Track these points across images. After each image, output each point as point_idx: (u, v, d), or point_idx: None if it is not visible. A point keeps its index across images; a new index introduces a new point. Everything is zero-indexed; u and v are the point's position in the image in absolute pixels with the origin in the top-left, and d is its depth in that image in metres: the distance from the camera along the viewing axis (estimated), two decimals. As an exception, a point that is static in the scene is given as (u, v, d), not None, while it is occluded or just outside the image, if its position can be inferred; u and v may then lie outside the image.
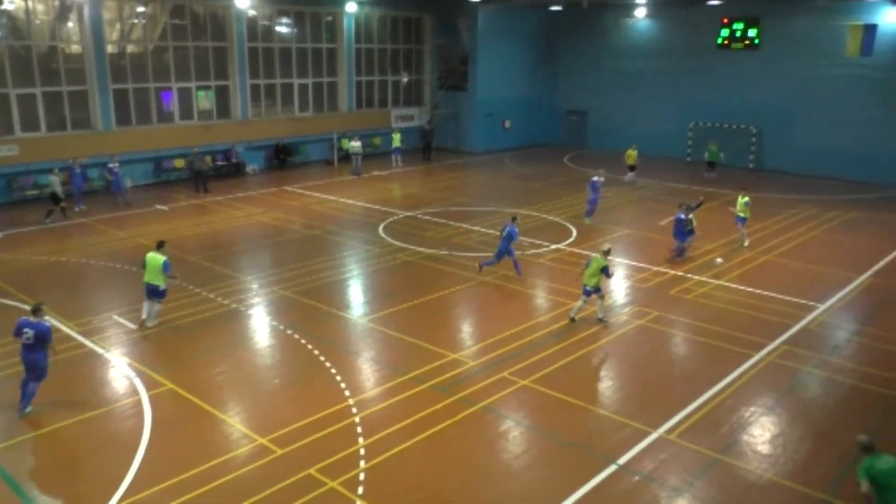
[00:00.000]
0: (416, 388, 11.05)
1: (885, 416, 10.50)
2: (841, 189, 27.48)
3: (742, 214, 19.45)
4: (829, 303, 15.05)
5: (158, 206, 23.68)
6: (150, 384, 11.18)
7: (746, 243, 19.40)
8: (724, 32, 32.08)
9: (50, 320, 11.36)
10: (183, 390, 10.99)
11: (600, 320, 13.78)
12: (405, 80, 36.98)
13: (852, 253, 18.83)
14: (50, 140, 25.13)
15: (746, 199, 19.46)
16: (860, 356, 12.62)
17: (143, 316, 13.41)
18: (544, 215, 22.69)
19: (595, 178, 21.84)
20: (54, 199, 21.70)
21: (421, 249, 18.74)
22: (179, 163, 27.93)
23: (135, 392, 10.96)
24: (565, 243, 19.43)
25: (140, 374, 11.56)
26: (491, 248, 18.91)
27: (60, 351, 11.46)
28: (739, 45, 31.78)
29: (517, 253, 16.74)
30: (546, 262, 17.85)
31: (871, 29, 26.96)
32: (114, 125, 26.55)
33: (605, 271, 13.49)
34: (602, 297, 13.80)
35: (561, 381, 11.36)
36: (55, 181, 21.81)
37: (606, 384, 11.60)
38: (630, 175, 28.39)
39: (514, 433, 9.95)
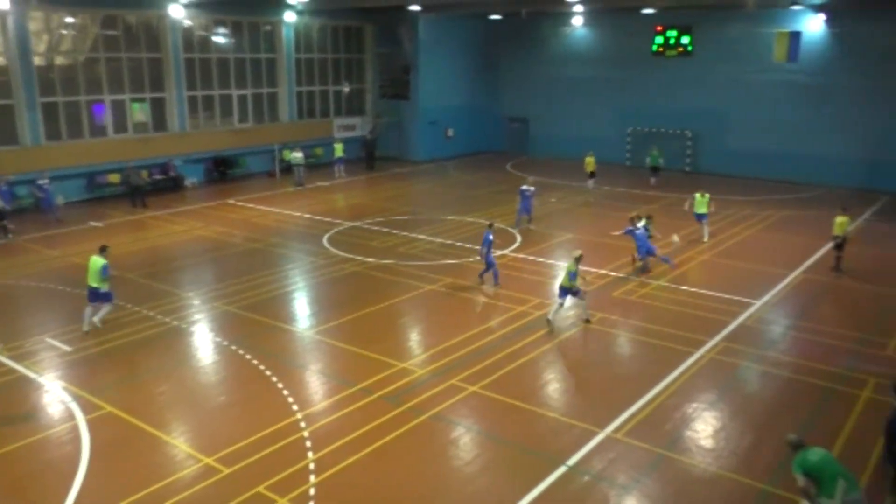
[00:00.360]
0: (365, 400, 10.96)
1: (820, 406, 10.90)
2: (773, 189, 28.53)
3: (702, 210, 20.43)
4: (764, 299, 15.57)
5: (93, 223, 22.91)
6: (87, 408, 10.77)
7: (706, 239, 20.36)
8: (659, 40, 33.01)
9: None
10: (123, 412, 10.63)
11: (586, 321, 14.15)
12: (347, 89, 36.81)
13: (785, 250, 19.55)
14: (-26, 157, 24.06)
15: (707, 195, 20.64)
16: (794, 349, 13.09)
17: (85, 320, 13.53)
18: (488, 221, 22.80)
19: (524, 187, 22.01)
20: None
21: (367, 259, 18.63)
22: (114, 178, 27.09)
23: (71, 417, 10.55)
24: (510, 249, 19.61)
25: (76, 397, 11.12)
26: (437, 255, 18.96)
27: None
28: (673, 53, 32.74)
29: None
30: (492, 269, 17.97)
31: (796, 36, 28.14)
32: (43, 140, 25.59)
33: (573, 276, 13.83)
34: (582, 299, 14.13)
35: (509, 386, 11.44)
36: None
37: (554, 387, 11.72)
38: (591, 182, 28.07)
39: (464, 440, 9.96)
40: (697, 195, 20.73)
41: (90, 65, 27.01)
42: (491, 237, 16.33)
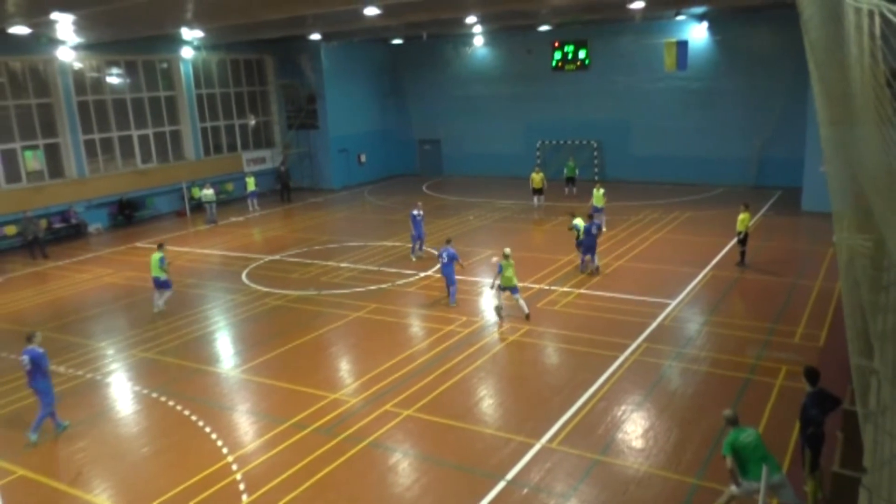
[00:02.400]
0: (298, 435, 10.71)
1: (739, 397, 11.41)
2: (676, 192, 29.88)
3: (599, 204, 22.63)
4: (678, 298, 16.23)
5: (-10, 279, 21.57)
6: (-3, 475, 10.09)
7: (604, 228, 21.54)
8: (557, 55, 34.17)
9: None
10: (37, 475, 9.99)
11: (527, 316, 15.11)
12: (252, 122, 36.25)
13: (693, 250, 20.47)
14: None
15: (602, 190, 23.30)
16: (710, 344, 13.69)
17: (154, 304, 17.20)
18: (408, 244, 22.88)
19: (414, 212, 21.41)
20: None
21: (288, 292, 18.30)
22: (10, 230, 25.63)
23: (-20, 486, 9.84)
24: (433, 270, 19.69)
25: (-16, 465, 10.39)
26: (360, 282, 18.83)
27: None
28: (572, 66, 33.95)
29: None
30: (416, 291, 18.00)
31: (683, 45, 29.77)
32: (-72, 195, 23.98)
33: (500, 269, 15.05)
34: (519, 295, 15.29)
35: (443, 407, 11.44)
36: None
37: (488, 403, 11.80)
38: (537, 199, 27.52)
39: (403, 465, 9.87)
40: (595, 190, 23.24)
41: (-26, 113, 25.54)
42: (451, 253, 16.65)
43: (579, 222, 18.96)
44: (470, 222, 26.08)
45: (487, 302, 16.89)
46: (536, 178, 27.36)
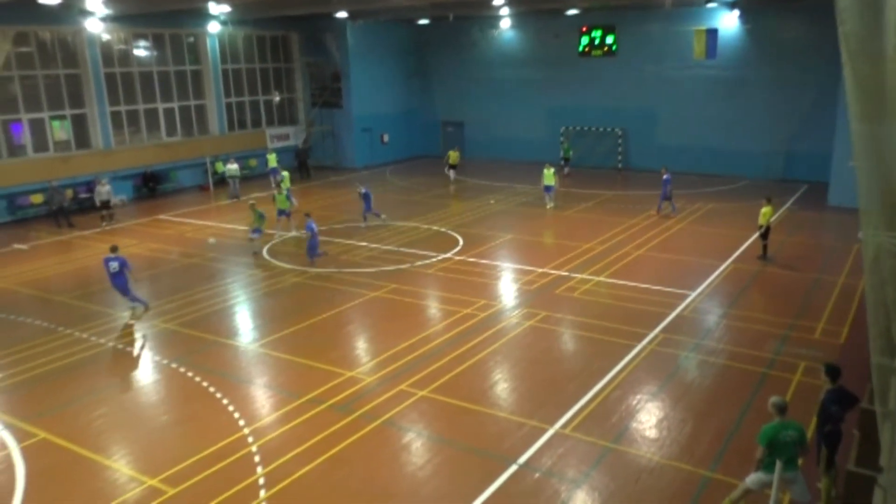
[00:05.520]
0: (313, 410, 10.84)
1: (755, 391, 11.35)
2: (700, 183, 29.55)
3: (549, 183, 24.73)
4: (699, 290, 16.12)
5: (17, 246, 21.93)
6: (20, 436, 10.32)
7: (551, 205, 24.65)
8: (584, 40, 33.79)
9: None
10: (59, 439, 10.22)
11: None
12: (277, 99, 36.33)
13: (715, 242, 20.29)
14: None
15: (553, 169, 25.06)
16: (728, 337, 13.60)
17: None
18: (429, 226, 22.94)
19: (363, 189, 23.69)
20: None
21: (308, 269, 18.43)
22: (37, 198, 26.00)
23: (3, 446, 10.08)
24: (452, 252, 19.72)
25: (8, 426, 10.64)
26: (379, 262, 18.91)
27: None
28: (599, 52, 33.57)
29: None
30: (435, 273, 18.04)
31: (713, 33, 29.26)
32: (-42, 161, 24.38)
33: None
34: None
35: (458, 389, 11.50)
36: None
37: (502, 387, 11.84)
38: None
39: (415, 445, 9.96)
40: (545, 169, 24.96)
41: (4, 83, 25.85)
42: (312, 226, 18.50)
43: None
44: (490, 206, 26.02)
45: (507, 286, 16.91)
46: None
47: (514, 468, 9.22)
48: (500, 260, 19.02)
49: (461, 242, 20.82)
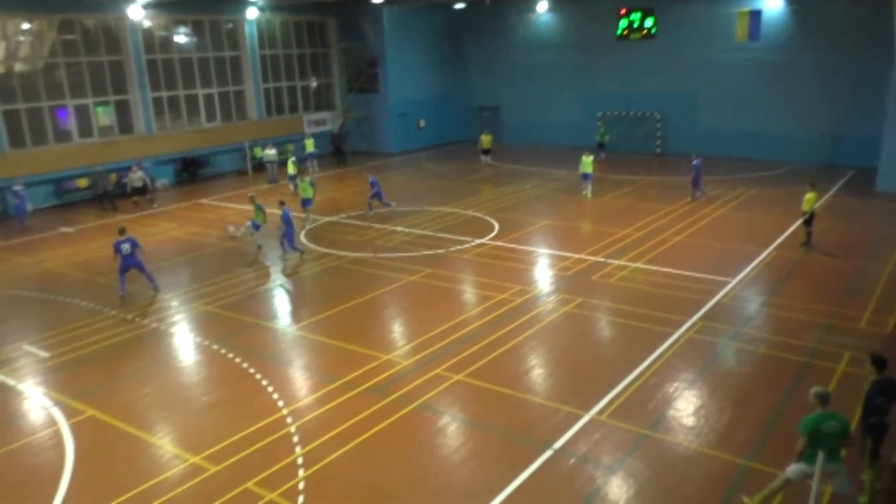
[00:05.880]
0: (350, 393, 10.98)
1: (797, 381, 11.15)
2: (741, 168, 28.96)
3: (588, 171, 24.25)
4: (739, 277, 15.85)
5: (64, 229, 22.55)
6: (69, 413, 10.67)
7: (588, 193, 24.27)
8: (623, 23, 33.25)
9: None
10: (106, 416, 10.54)
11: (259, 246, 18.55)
12: (314, 84, 36.56)
13: (756, 228, 19.89)
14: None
15: (592, 157, 24.70)
16: (769, 325, 13.36)
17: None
18: (465, 211, 22.93)
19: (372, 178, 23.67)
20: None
21: (345, 254, 18.60)
22: (83, 182, 26.67)
23: (53, 422, 10.44)
24: (488, 237, 19.70)
25: (57, 403, 11.01)
26: (415, 247, 18.99)
27: None
28: (638, 35, 33.02)
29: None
30: (470, 258, 18.05)
31: (756, 14, 28.56)
32: (7, 148, 25.10)
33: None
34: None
35: (493, 373, 11.53)
36: None
37: (538, 372, 11.84)
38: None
39: (451, 428, 10.03)
40: (584, 157, 24.40)
41: (50, 70, 26.50)
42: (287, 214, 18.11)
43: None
44: (526, 191, 25.89)
45: (542, 272, 16.86)
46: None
47: (548, 453, 9.23)
48: (535, 245, 18.94)
49: (497, 228, 20.78)
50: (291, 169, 26.52)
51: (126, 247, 15.47)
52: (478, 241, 19.35)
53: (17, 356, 12.89)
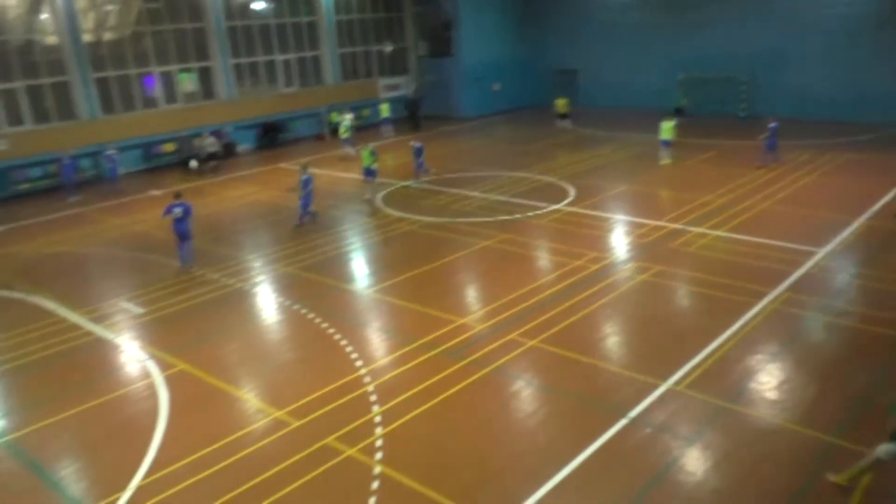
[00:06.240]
0: (426, 355, 11.18)
1: (891, 357, 10.65)
2: (833, 132, 27.41)
3: (667, 137, 23.47)
4: (828, 247, 15.15)
5: (153, 192, 23.57)
6: (162, 366, 11.30)
7: (667, 161, 23.40)
8: (710, -20, 31.70)
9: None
10: (196, 370, 11.11)
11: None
12: (389, 49, 36.59)
13: (847, 196, 18.88)
14: (36, 133, 24.94)
15: (672, 122, 23.81)
16: (861, 299, 12.76)
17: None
18: (540, 176, 22.69)
19: (416, 144, 23.35)
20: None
21: (420, 218, 18.76)
22: (169, 147, 27.74)
23: (148, 374, 11.09)
24: (564, 203, 19.46)
25: (151, 356, 11.66)
26: (490, 212, 18.97)
27: (70, 339, 11.56)
28: (725, -8, 31.44)
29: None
30: (546, 223, 17.90)
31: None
32: (99, 114, 26.30)
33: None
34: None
35: (569, 340, 11.49)
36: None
37: (613, 340, 11.73)
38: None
39: (525, 393, 10.10)
40: (663, 123, 23.47)
41: (137, 38, 27.50)
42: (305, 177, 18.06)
43: None
44: (605, 156, 25.36)
45: (619, 239, 16.57)
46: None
47: (624, 422, 9.18)
48: (612, 212, 18.60)
49: (573, 193, 20.49)
50: (344, 132, 26.74)
51: (178, 211, 15.42)
52: (553, 207, 19.15)
53: (114, 311, 13.70)
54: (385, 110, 31.94)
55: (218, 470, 8.58)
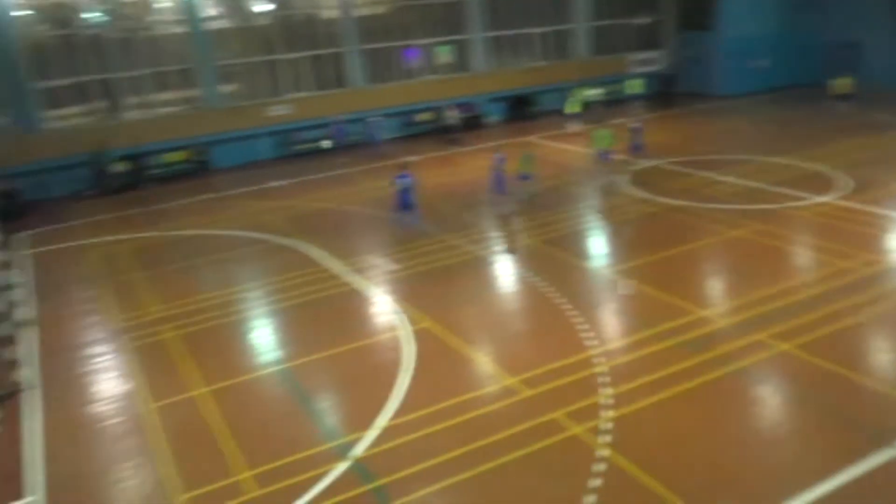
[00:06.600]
0: (662, 344, 10.77)
1: None
2: None
3: None
4: None
5: (410, 158, 25.24)
6: (410, 320, 12.21)
7: None
8: None
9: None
10: (439, 328, 11.83)
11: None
12: (643, 22, 35.05)
13: None
14: (315, 99, 27.95)
15: None
16: None
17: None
18: (807, 164, 20.49)
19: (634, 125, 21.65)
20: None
21: (666, 200, 17.98)
22: (424, 116, 29.49)
23: (397, 327, 12.04)
24: (833, 195, 17.41)
25: (402, 310, 12.64)
26: (744, 199, 17.60)
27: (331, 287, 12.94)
28: None
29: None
30: (809, 217, 16.18)
31: None
32: (366, 83, 28.75)
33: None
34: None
35: (829, 349, 10.33)
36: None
37: (885, 357, 10.32)
38: None
39: (771, 400, 9.32)
40: None
41: (401, 13, 29.46)
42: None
43: None
44: (893, 146, 22.17)
45: (900, 242, 14.49)
46: None
47: (890, 453, 8.05)
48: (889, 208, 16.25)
49: (847, 185, 18.22)
50: (571, 107, 26.07)
51: (405, 182, 16.77)
52: (820, 199, 17.22)
53: (369, 266, 15.05)
54: (635, 86, 30.90)
55: (449, 426, 9.10)
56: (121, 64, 25.39)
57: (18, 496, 8.52)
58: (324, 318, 12.73)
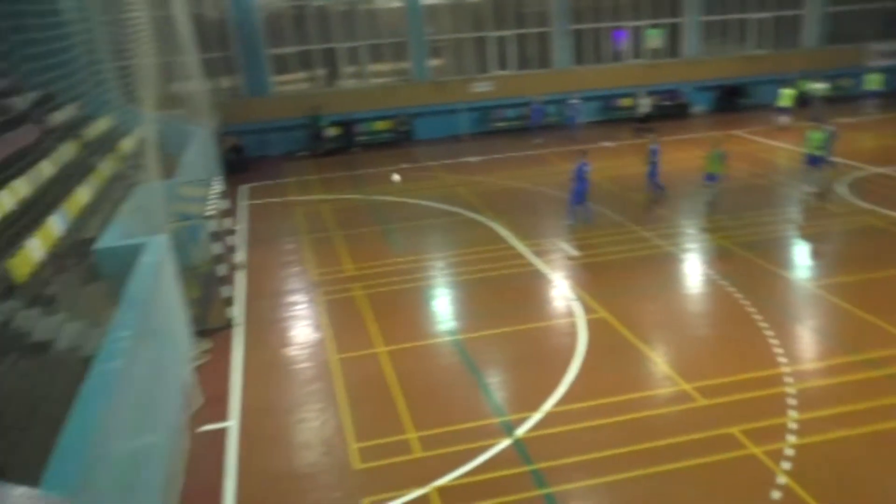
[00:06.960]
0: (865, 373, 9.71)
1: None
2: None
3: None
4: None
5: (605, 143, 24.72)
6: (586, 309, 12.07)
7: None
8: None
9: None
10: (615, 320, 11.59)
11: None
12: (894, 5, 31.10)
13: None
14: (516, 78, 28.13)
15: None
16: None
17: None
18: None
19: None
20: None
21: (890, 213, 16.04)
22: (626, 101, 28.56)
23: (573, 314, 11.97)
24: None
25: (579, 298, 12.54)
26: None
27: (514, 265, 13.09)
28: None
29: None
30: None
31: None
32: (570, 64, 28.37)
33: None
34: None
35: None
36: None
37: None
38: None
39: None
40: None
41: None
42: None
43: None
44: None
45: None
46: None
47: None
48: None
49: None
50: (784, 100, 23.53)
51: (586, 170, 15.81)
52: None
53: (553, 249, 15.04)
54: (874, 81, 27.56)
55: (616, 422, 8.92)
56: (341, 35, 27.24)
57: (224, 418, 9.67)
58: (502, 295, 12.96)
